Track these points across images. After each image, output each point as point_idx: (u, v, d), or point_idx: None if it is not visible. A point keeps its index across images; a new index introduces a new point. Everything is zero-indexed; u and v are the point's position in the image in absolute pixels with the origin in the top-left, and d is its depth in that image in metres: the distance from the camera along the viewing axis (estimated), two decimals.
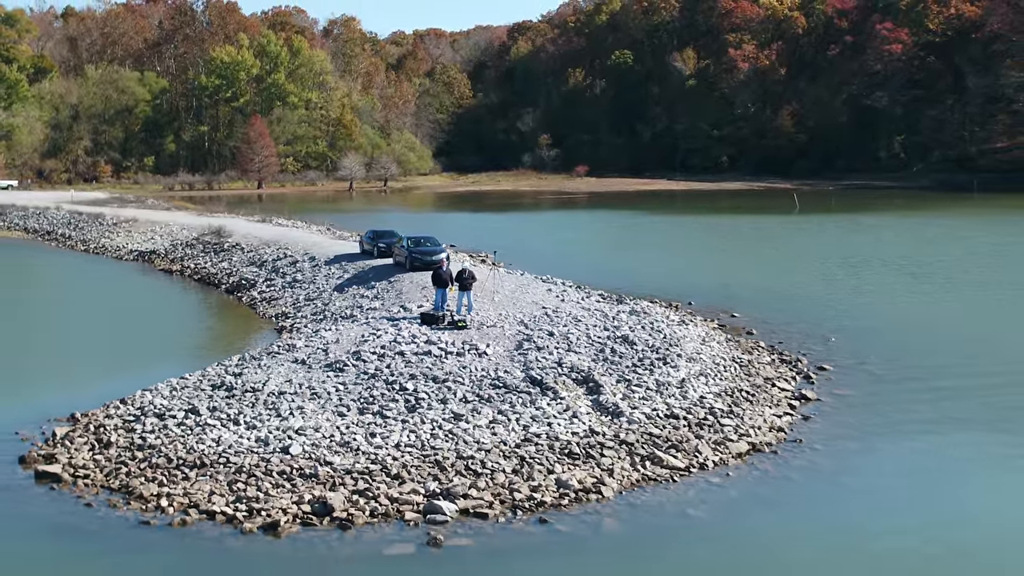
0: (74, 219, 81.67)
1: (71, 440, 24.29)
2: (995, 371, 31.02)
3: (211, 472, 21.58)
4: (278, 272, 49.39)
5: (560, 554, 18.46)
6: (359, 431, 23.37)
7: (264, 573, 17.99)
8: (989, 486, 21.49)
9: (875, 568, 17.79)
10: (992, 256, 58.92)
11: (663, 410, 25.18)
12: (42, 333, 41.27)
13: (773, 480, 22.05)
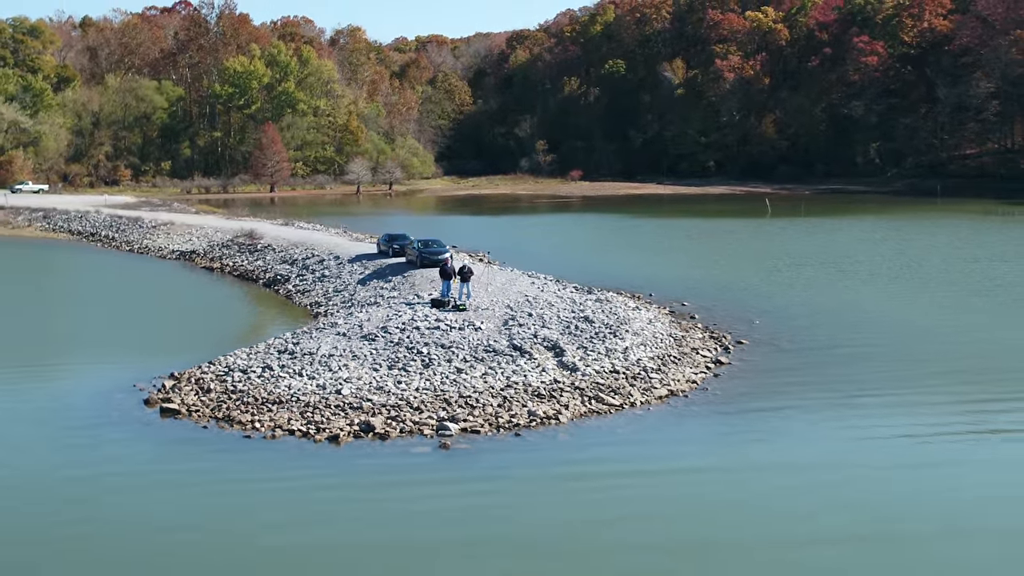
0: (115, 222, 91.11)
1: (179, 388, 33.70)
2: (879, 346, 40.33)
3: (287, 406, 31.01)
4: (308, 269, 58.87)
5: (527, 451, 27.82)
6: (389, 380, 32.80)
7: (331, 467, 27.26)
8: (833, 427, 30.71)
9: (738, 456, 27.04)
10: (917, 254, 68.33)
11: (608, 367, 34.63)
12: (123, 316, 50.75)
13: (679, 413, 31.45)
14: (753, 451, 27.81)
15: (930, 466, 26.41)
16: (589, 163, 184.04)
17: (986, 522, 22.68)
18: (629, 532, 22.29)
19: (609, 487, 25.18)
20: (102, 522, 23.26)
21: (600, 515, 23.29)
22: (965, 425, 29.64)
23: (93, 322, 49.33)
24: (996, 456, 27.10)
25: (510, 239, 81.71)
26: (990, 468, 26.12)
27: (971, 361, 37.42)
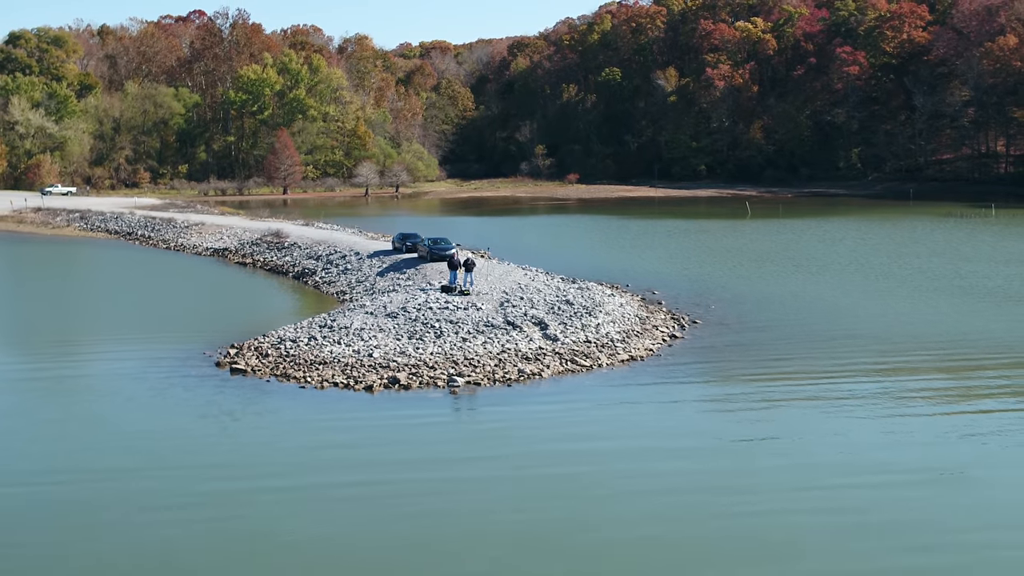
0: (149, 222, 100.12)
1: (242, 354, 42.60)
2: (803, 325, 49.20)
3: (331, 366, 39.93)
4: (332, 263, 67.85)
5: (516, 396, 36.72)
6: (409, 346, 41.73)
7: (367, 407, 36.07)
8: (740, 380, 39.59)
9: (665, 396, 35.82)
10: (867, 251, 77.27)
11: (583, 338, 43.55)
12: (178, 301, 59.74)
13: (634, 371, 40.37)
14: (674, 392, 36.70)
15: (779, 421, 35.27)
16: (586, 167, 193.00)
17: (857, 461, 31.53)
18: (585, 438, 31.13)
19: (573, 415, 34.10)
20: (209, 439, 32.16)
21: (567, 432, 32.14)
22: (850, 389, 38.54)
23: (155, 306, 58.31)
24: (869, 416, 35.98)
25: (508, 238, 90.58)
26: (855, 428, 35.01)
27: (872, 336, 46.29)
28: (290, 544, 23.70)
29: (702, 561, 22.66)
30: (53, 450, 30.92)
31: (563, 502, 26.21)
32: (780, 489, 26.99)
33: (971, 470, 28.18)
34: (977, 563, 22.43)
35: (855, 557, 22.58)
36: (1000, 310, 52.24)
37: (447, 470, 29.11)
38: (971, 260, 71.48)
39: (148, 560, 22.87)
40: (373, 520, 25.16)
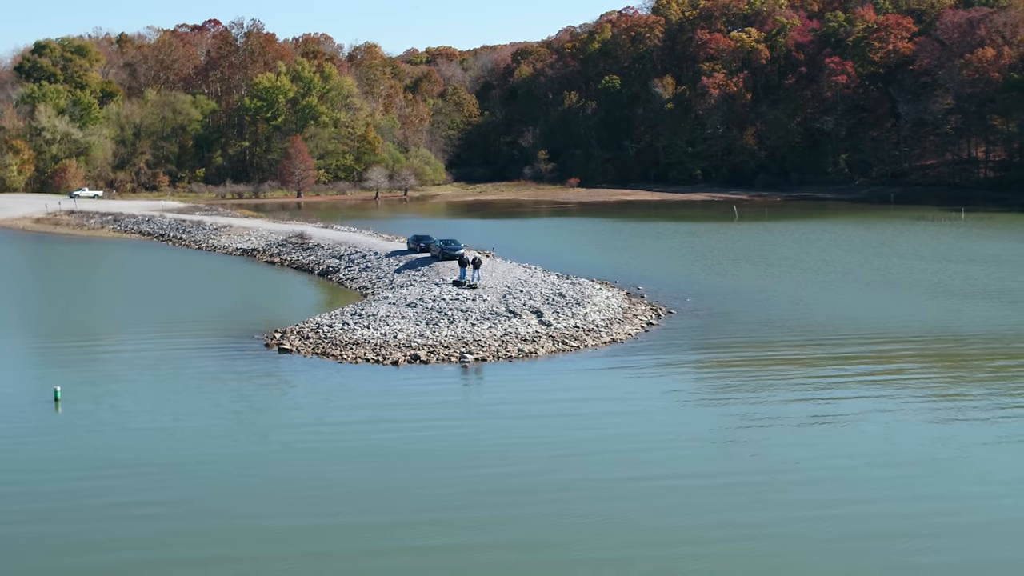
0: (179, 225, 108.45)
1: (287, 337, 50.83)
2: (764, 314, 57.35)
3: (362, 346, 48.15)
4: (353, 262, 76.11)
5: (515, 368, 44.92)
6: (427, 331, 49.95)
7: (394, 377, 44.21)
8: (699, 358, 47.76)
9: (637, 367, 43.93)
10: (835, 251, 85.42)
11: (572, 325, 51.77)
12: (221, 294, 68.01)
13: (613, 350, 48.57)
14: (642, 367, 44.89)
15: (715, 385, 43.41)
16: (587, 171, 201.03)
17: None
18: (567, 400, 39.26)
19: (559, 383, 42.30)
20: (280, 397, 40.36)
21: (553, 395, 40.29)
22: (781, 360, 46.71)
23: (201, 299, 66.62)
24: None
25: (511, 239, 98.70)
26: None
27: (811, 322, 54.46)
28: (351, 449, 31.85)
29: (619, 465, 30.76)
30: (172, 407, 39.09)
31: (546, 434, 34.34)
32: (693, 431, 35.12)
33: (872, 428, 36.32)
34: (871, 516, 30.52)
35: (768, 498, 30.69)
36: (935, 302, 60.40)
37: (458, 418, 37.36)
38: (927, 259, 79.69)
39: (284, 459, 31.04)
40: (403, 441, 33.30)
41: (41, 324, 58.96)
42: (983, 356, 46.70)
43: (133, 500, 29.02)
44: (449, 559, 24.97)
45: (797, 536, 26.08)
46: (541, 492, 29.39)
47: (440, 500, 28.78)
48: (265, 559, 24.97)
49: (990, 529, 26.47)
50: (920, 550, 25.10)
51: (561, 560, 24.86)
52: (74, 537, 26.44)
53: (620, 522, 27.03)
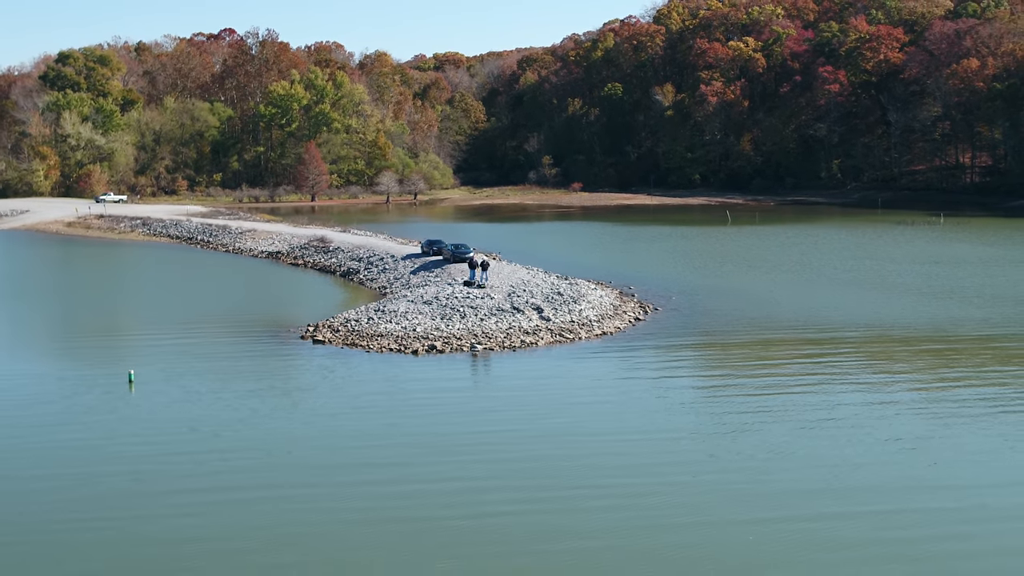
0: (206, 228, 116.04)
1: (319, 330, 58.33)
2: (740, 310, 64.71)
3: (386, 337, 55.64)
4: (372, 264, 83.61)
5: (518, 356, 52.38)
6: (442, 324, 57.45)
7: (414, 364, 51.65)
8: (677, 349, 55.22)
9: (624, 352, 51.28)
10: (813, 253, 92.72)
11: (568, 319, 59.23)
12: (255, 293, 75.56)
13: (604, 342, 56.01)
14: (626, 355, 52.32)
15: (686, 368, 50.80)
16: (589, 175, 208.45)
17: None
18: (560, 380, 46.67)
19: (554, 369, 49.73)
20: (321, 378, 47.80)
21: (549, 378, 47.71)
22: (748, 346, 54.13)
23: (236, 297, 74.20)
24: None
25: (516, 242, 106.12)
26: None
27: (780, 316, 61.82)
28: (385, 417, 39.28)
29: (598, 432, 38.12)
30: (232, 386, 46.53)
31: (541, 407, 41.77)
32: (661, 402, 42.52)
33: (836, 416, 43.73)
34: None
35: (731, 470, 38.09)
36: (889, 299, 67.75)
37: (469, 395, 44.86)
38: (895, 261, 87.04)
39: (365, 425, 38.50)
40: (410, 403, 40.71)
41: (103, 319, 66.49)
42: (913, 344, 54.12)
43: (211, 455, 36.49)
44: (463, 486, 32.36)
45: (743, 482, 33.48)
46: (535, 442, 36.88)
47: (455, 450, 36.24)
48: (336, 486, 32.40)
49: (917, 495, 33.81)
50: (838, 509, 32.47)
51: (540, 486, 32.27)
52: (164, 485, 33.90)
53: (589, 464, 34.42)
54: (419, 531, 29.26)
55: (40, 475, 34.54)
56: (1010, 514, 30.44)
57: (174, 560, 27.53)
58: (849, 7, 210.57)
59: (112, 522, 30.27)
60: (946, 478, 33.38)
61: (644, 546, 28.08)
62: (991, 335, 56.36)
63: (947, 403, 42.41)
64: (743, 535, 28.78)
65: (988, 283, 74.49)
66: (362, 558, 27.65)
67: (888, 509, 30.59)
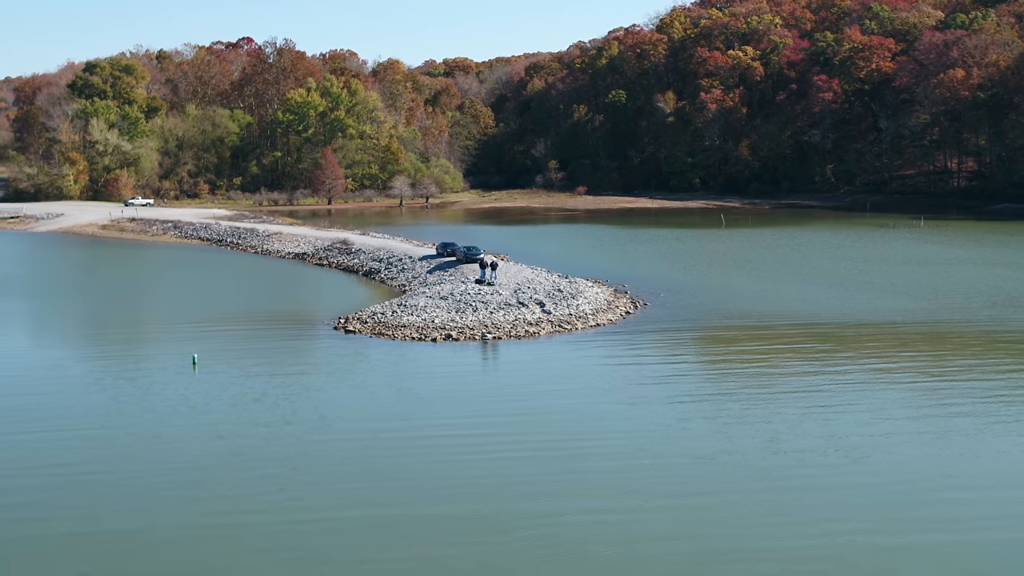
0: (235, 231, 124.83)
1: (349, 321, 67.03)
2: (720, 305, 73.22)
3: (409, 328, 64.34)
4: (392, 264, 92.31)
5: (523, 343, 61.04)
6: (457, 317, 66.14)
7: (433, 351, 60.29)
8: (658, 337, 63.84)
9: (616, 339, 59.84)
10: (794, 254, 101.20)
11: (567, 313, 67.89)
12: (287, 289, 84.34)
13: (598, 333, 64.65)
14: (616, 342, 60.90)
15: (664, 354, 59.32)
16: (594, 179, 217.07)
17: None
18: (558, 363, 55.24)
19: (554, 353, 58.34)
20: (357, 363, 56.46)
21: (549, 360, 56.31)
22: (724, 338, 62.68)
23: (272, 293, 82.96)
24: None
25: (522, 244, 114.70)
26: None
27: (757, 310, 70.35)
28: (416, 390, 47.92)
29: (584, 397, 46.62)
30: (281, 369, 55.19)
31: (541, 383, 50.36)
32: (637, 377, 51.09)
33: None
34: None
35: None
36: (851, 294, 76.27)
37: (480, 373, 53.50)
38: (868, 261, 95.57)
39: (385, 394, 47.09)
40: (434, 380, 49.31)
41: (157, 312, 75.33)
42: (865, 331, 62.69)
43: (278, 421, 45.16)
44: (477, 443, 40.93)
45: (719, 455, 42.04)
46: (537, 399, 45.57)
47: (469, 414, 44.88)
48: (378, 434, 41.01)
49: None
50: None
51: (530, 440, 40.84)
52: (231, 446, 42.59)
53: (580, 419, 43.01)
54: (441, 454, 37.95)
55: (151, 433, 43.26)
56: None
57: (273, 480, 36.19)
58: (845, 16, 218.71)
59: (212, 470, 39.01)
60: (859, 447, 41.93)
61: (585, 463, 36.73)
62: (934, 325, 64.90)
63: (882, 381, 51.04)
64: (694, 473, 37.39)
65: (943, 281, 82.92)
66: (403, 466, 36.29)
67: (807, 447, 39.17)
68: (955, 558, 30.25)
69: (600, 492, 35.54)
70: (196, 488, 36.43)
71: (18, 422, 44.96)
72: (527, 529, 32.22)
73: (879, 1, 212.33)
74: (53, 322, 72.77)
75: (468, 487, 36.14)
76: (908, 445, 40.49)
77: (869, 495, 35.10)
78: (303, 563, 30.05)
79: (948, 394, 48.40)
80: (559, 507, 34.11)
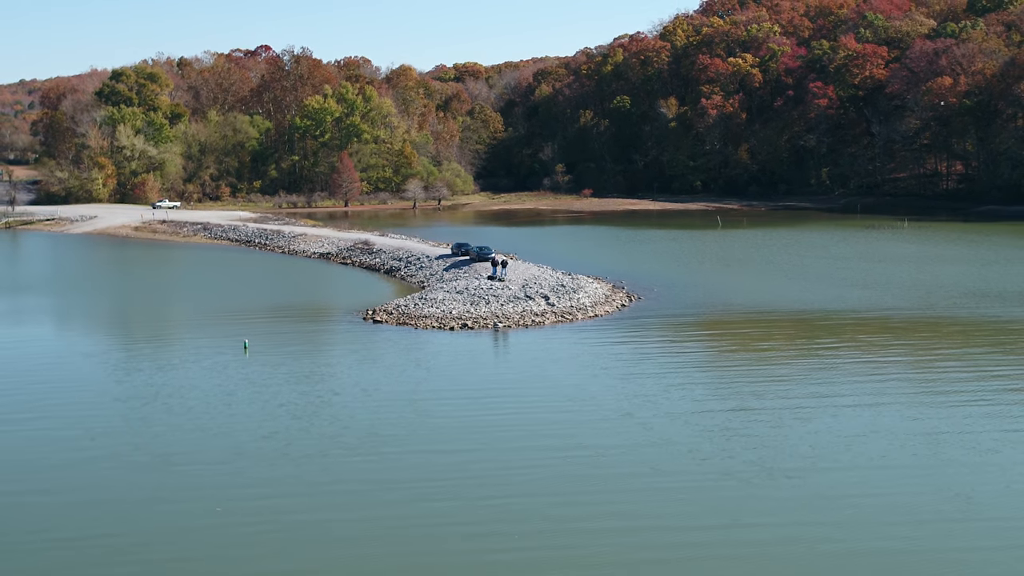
0: (262, 232, 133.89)
1: (376, 312, 76.02)
2: (706, 299, 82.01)
3: (429, 318, 73.31)
4: (411, 263, 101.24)
5: (530, 331, 69.95)
6: (472, 308, 75.08)
7: (451, 337, 69.13)
8: (648, 329, 72.72)
9: (612, 328, 68.65)
10: (781, 253, 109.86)
11: (569, 305, 76.81)
12: (316, 285, 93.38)
13: (596, 323, 73.53)
14: (611, 330, 69.72)
15: (653, 341, 68.13)
16: (600, 182, 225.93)
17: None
18: (559, 346, 64.06)
19: (557, 338, 67.21)
20: (385, 348, 65.36)
21: (553, 344, 65.15)
22: (707, 325, 71.49)
23: (303, 289, 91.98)
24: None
25: (531, 244, 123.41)
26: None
27: (735, 301, 79.08)
28: (439, 369, 56.76)
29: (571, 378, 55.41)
30: (324, 353, 64.13)
31: (539, 363, 59.18)
32: (626, 356, 59.84)
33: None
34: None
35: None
36: (827, 287, 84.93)
37: (491, 356, 62.42)
38: (847, 259, 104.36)
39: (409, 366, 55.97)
40: (454, 360, 58.14)
41: (203, 305, 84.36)
42: (832, 320, 71.47)
43: (328, 392, 54.08)
44: (493, 403, 49.73)
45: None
46: (537, 386, 54.45)
47: (483, 383, 53.80)
48: (412, 401, 49.87)
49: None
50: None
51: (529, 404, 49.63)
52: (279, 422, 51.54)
53: (576, 388, 51.82)
54: (463, 411, 46.89)
55: (224, 401, 52.22)
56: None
57: (330, 437, 45.11)
58: (841, 24, 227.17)
59: (283, 433, 48.00)
60: (824, 424, 50.76)
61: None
62: (890, 314, 73.76)
63: (836, 359, 59.95)
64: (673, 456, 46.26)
65: (910, 276, 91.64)
66: (434, 423, 45.16)
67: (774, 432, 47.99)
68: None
69: (592, 439, 44.39)
70: (272, 441, 45.34)
71: (123, 396, 53.95)
72: (528, 468, 41.13)
73: (874, 10, 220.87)
74: (121, 315, 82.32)
75: (487, 435, 45.08)
76: (849, 409, 49.29)
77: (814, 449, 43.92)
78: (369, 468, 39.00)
79: (877, 366, 57.27)
80: (558, 444, 42.95)
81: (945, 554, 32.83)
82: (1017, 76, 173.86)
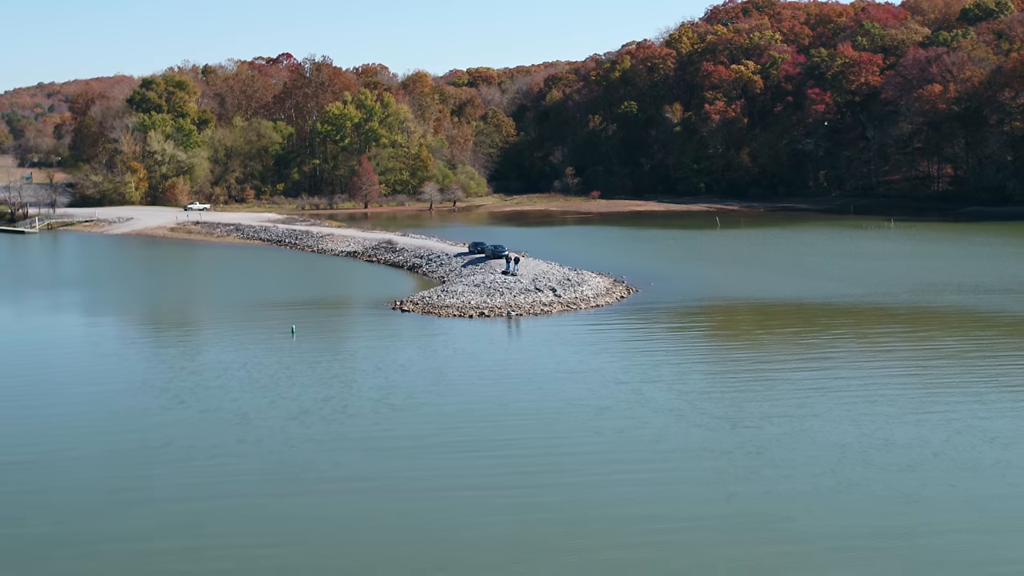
0: (292, 233, 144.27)
1: (404, 303, 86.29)
2: (696, 292, 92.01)
3: (451, 307, 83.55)
4: (432, 261, 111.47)
5: (539, 319, 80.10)
6: (488, 299, 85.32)
7: (470, 324, 79.29)
8: (642, 319, 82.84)
9: (608, 318, 78.71)
10: (772, 251, 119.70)
11: (573, 296, 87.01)
12: (347, 280, 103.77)
13: (597, 312, 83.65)
14: (611, 318, 79.78)
15: (647, 330, 78.25)
16: (608, 184, 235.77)
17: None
18: (564, 331, 74.14)
19: (562, 324, 77.33)
20: (413, 331, 75.57)
21: (558, 329, 75.26)
22: (701, 319, 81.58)
23: (336, 283, 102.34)
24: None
25: (541, 243, 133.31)
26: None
27: (722, 294, 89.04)
28: (460, 350, 66.89)
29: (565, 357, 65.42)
30: (364, 337, 74.32)
31: (547, 344, 69.24)
32: (622, 340, 69.87)
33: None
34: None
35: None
36: (806, 281, 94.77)
37: (506, 339, 72.65)
38: (829, 255, 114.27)
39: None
40: (475, 342, 68.24)
41: (247, 297, 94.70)
42: (804, 310, 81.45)
43: (373, 369, 64.26)
44: (510, 374, 59.84)
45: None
46: (544, 369, 64.57)
47: (494, 366, 63.95)
48: (444, 376, 59.97)
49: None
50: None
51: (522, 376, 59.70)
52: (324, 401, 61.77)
53: (576, 363, 61.87)
54: (481, 380, 57.05)
55: (284, 376, 62.46)
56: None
57: (379, 401, 55.30)
58: (840, 32, 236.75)
59: (334, 412, 58.25)
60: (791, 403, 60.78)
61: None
62: (857, 302, 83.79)
63: (808, 351, 70.00)
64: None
65: (881, 271, 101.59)
66: (462, 390, 55.28)
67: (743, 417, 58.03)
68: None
69: (591, 407, 54.56)
70: (331, 403, 55.63)
71: (197, 369, 64.35)
72: (523, 434, 51.30)
73: (871, 19, 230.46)
74: (179, 307, 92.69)
75: (504, 401, 55.27)
76: (805, 378, 59.30)
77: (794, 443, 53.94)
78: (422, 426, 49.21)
79: (825, 347, 67.33)
80: (564, 398, 53.13)
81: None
82: (1003, 84, 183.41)
